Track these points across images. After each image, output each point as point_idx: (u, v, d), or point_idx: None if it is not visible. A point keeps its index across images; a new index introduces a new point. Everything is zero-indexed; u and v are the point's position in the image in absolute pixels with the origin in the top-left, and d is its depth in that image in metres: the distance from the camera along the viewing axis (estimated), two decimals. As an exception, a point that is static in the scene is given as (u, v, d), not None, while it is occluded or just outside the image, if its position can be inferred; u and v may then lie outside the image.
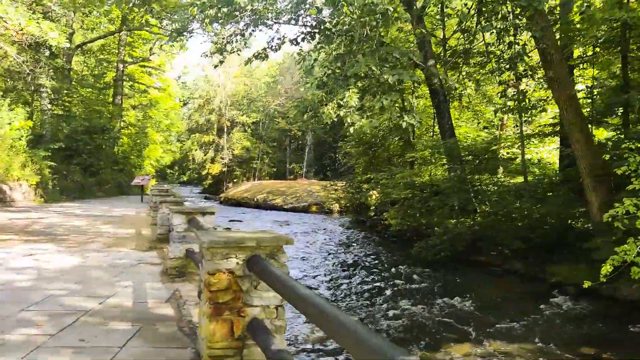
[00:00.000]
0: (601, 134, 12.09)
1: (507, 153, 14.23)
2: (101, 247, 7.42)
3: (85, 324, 3.39)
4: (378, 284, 10.02)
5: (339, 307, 7.46)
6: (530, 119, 12.04)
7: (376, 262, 12.36)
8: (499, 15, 8.22)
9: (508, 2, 8.27)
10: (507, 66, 9.68)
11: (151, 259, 6.46)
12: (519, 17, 8.49)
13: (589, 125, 10.56)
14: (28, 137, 17.81)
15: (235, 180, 46.43)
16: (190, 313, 3.71)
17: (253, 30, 10.95)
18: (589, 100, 11.74)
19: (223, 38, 11.87)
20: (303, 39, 9.88)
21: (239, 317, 2.45)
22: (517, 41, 9.07)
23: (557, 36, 10.35)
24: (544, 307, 8.28)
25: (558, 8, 11.13)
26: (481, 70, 13.86)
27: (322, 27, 8.97)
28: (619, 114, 11.20)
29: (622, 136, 9.50)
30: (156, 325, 3.39)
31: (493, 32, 8.60)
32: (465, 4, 8.97)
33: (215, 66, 13.63)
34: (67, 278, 4.91)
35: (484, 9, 8.29)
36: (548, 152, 17.54)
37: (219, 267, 2.43)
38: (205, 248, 2.43)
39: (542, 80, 12.08)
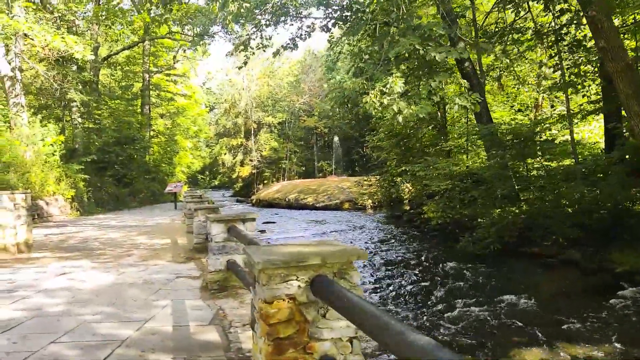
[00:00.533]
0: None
1: (544, 135, 13.26)
2: (137, 260, 7.11)
3: (121, 359, 2.96)
4: (426, 283, 9.39)
5: (392, 314, 6.85)
6: (587, 93, 11.06)
7: (420, 258, 11.71)
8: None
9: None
10: (553, 38, 8.85)
11: (189, 271, 6.07)
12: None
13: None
14: (61, 151, 17.99)
15: (265, 182, 46.34)
16: (238, 338, 3.22)
17: (277, 24, 10.46)
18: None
19: (246, 35, 11.47)
20: (334, 24, 9.31)
21: (306, 354, 1.93)
22: (569, 8, 8.22)
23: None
24: (614, 301, 7.50)
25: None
26: (519, 47, 12.95)
27: (354, 10, 8.37)
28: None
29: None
30: (201, 357, 2.92)
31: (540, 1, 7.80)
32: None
33: (240, 67, 13.28)
34: (102, 300, 4.54)
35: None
36: (589, 131, 16.39)
37: (277, 293, 1.92)
38: (258, 270, 1.93)
39: (581, 55, 11.10)
